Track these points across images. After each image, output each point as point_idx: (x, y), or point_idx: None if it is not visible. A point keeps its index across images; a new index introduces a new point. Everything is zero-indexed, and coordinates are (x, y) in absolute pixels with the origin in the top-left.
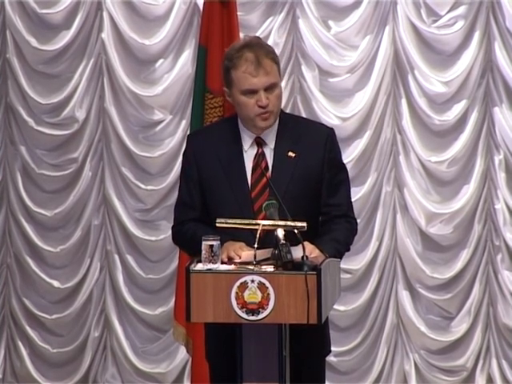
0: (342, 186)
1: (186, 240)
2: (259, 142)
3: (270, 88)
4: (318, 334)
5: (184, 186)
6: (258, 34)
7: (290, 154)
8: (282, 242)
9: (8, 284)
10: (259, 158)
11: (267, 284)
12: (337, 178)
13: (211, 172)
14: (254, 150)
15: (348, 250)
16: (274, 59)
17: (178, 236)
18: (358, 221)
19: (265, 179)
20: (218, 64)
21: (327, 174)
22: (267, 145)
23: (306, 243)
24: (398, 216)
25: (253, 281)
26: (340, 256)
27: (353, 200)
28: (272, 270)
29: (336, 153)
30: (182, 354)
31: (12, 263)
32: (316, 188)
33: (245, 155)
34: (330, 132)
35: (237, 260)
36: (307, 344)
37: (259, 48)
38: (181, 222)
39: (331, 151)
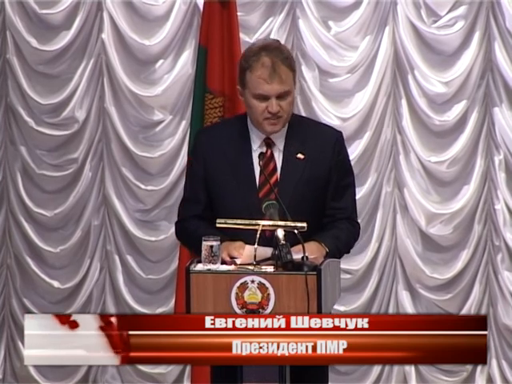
0: (348, 190)
1: (187, 236)
2: (268, 143)
3: (283, 95)
4: None
5: (189, 181)
6: (257, 35)
7: (299, 155)
8: (282, 242)
9: (8, 284)
10: (268, 159)
11: (267, 284)
12: (343, 181)
13: (218, 170)
14: (263, 150)
15: (348, 251)
16: (291, 66)
17: (180, 232)
18: (359, 221)
19: (272, 180)
20: (218, 64)
21: (334, 177)
22: (276, 146)
23: (307, 243)
24: (398, 216)
25: (253, 281)
26: (339, 254)
27: None
28: (272, 270)
29: (344, 156)
30: None
31: (12, 263)
32: (322, 190)
33: (253, 155)
34: (338, 135)
35: (238, 257)
36: None
37: (277, 53)
38: (183, 218)
39: (339, 154)
